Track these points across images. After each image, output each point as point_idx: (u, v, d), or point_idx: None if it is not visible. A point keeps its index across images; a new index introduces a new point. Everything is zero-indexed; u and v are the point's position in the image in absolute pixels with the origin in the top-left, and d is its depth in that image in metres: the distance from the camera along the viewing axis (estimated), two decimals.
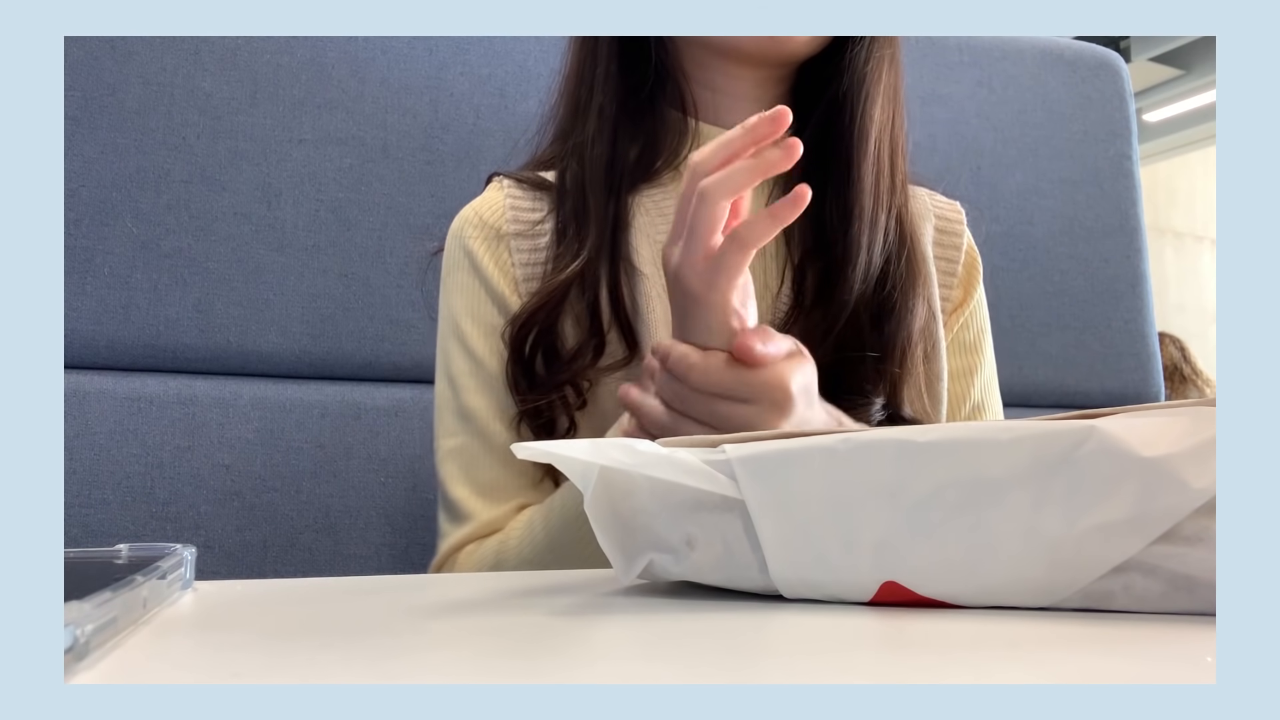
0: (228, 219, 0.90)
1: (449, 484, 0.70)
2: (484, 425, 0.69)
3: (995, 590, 0.32)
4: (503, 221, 0.73)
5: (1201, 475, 0.29)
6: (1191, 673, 0.24)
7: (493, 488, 0.69)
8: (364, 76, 0.95)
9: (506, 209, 0.73)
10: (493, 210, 0.73)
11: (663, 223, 0.72)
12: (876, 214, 0.69)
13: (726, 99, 0.74)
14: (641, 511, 0.36)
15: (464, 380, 0.70)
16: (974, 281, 0.79)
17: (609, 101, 0.72)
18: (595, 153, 0.71)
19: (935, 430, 0.32)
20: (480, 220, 0.73)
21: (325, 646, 0.28)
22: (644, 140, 0.73)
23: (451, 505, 0.69)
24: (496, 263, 0.72)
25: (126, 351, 0.87)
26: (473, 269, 0.72)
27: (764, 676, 0.24)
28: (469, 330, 0.71)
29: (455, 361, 0.71)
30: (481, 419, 0.69)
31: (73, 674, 0.24)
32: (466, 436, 0.70)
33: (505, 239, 0.72)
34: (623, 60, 0.72)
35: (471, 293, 0.72)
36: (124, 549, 0.37)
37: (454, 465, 0.70)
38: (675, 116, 0.74)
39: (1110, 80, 1.21)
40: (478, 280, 0.72)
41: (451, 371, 0.71)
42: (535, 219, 0.73)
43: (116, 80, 0.88)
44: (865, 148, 0.69)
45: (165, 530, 0.85)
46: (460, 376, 0.70)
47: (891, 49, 0.72)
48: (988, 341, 0.79)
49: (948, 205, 0.81)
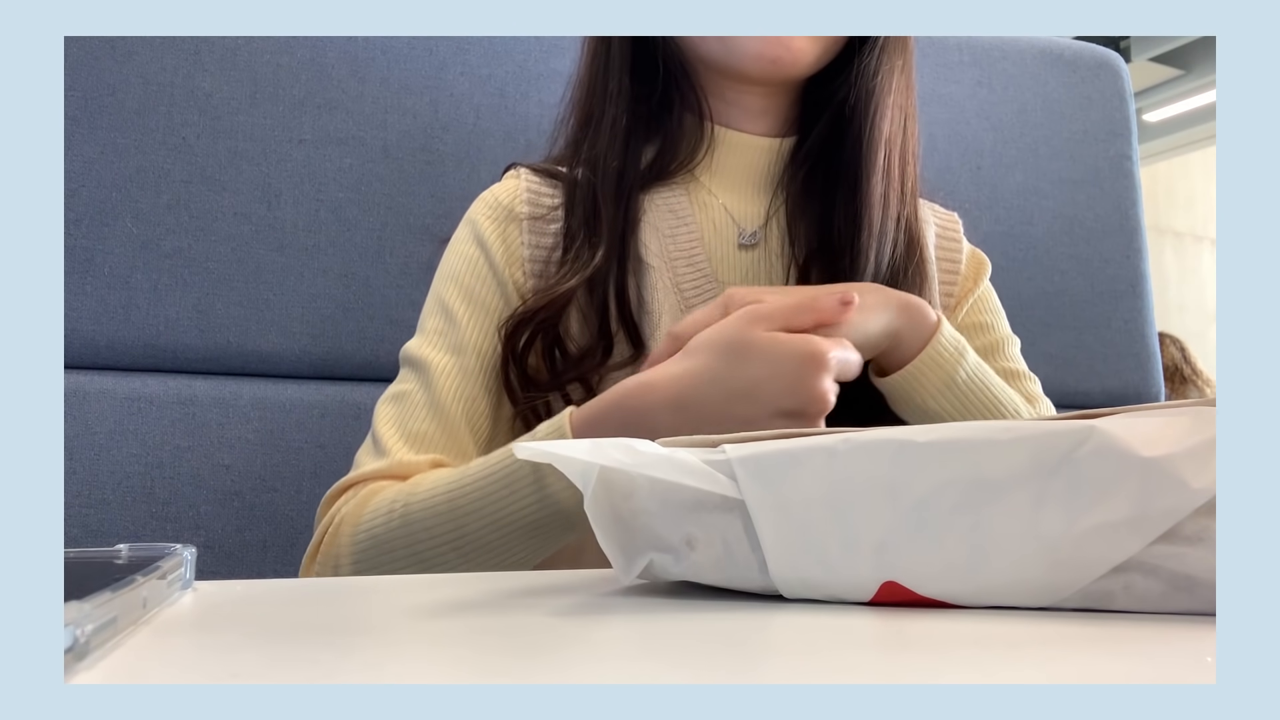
0: (228, 219, 0.90)
1: (380, 423, 0.67)
2: (435, 380, 0.68)
3: (995, 590, 0.32)
4: (518, 203, 0.73)
5: (1201, 475, 0.29)
6: (1191, 673, 0.24)
7: (420, 438, 0.66)
8: (364, 76, 0.95)
9: (523, 191, 0.74)
10: (509, 193, 0.74)
11: (671, 218, 0.72)
12: (885, 225, 0.70)
13: (737, 110, 0.75)
14: (641, 511, 0.36)
15: (433, 337, 0.70)
16: (980, 274, 0.80)
17: (621, 113, 0.72)
18: (608, 165, 0.72)
19: (935, 430, 0.32)
20: (496, 201, 0.74)
21: (325, 646, 0.28)
22: (660, 144, 0.74)
23: (377, 440, 0.67)
24: (504, 241, 0.72)
25: (126, 351, 0.87)
26: (477, 240, 0.72)
27: (764, 676, 0.24)
28: (454, 293, 0.70)
29: (430, 319, 0.71)
30: (435, 374, 0.68)
31: (73, 674, 0.24)
32: (414, 385, 0.68)
33: (518, 220, 0.73)
34: (635, 71, 0.73)
35: (471, 262, 0.72)
36: (124, 549, 0.37)
37: (392, 407, 0.68)
38: (691, 121, 0.75)
39: (1110, 80, 1.21)
40: (481, 252, 0.72)
41: (425, 327, 0.71)
42: (552, 204, 0.73)
43: (116, 80, 0.88)
44: (874, 160, 0.70)
45: (165, 530, 0.85)
46: (430, 334, 0.70)
47: (903, 59, 0.73)
48: (1002, 322, 0.79)
49: (946, 215, 0.82)
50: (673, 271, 0.70)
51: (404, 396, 0.68)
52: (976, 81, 1.16)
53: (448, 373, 0.68)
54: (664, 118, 0.74)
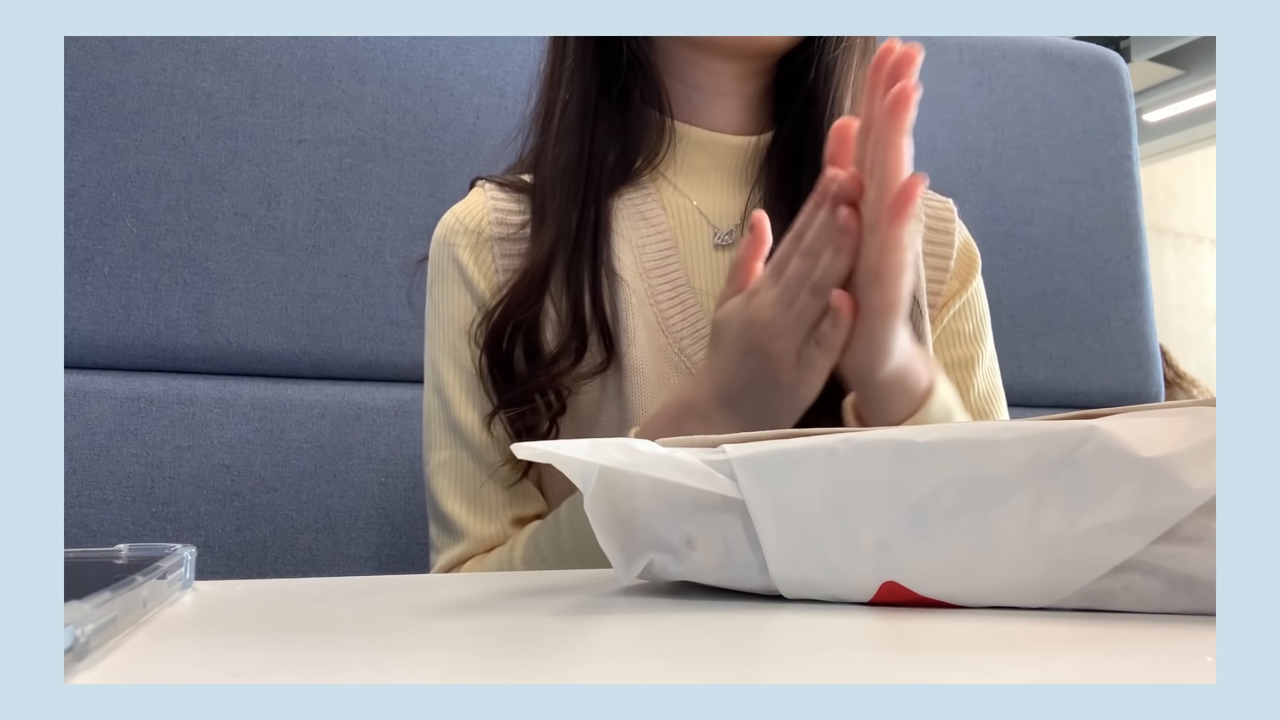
0: (228, 219, 0.90)
1: (442, 498, 0.70)
2: (472, 438, 0.69)
3: (995, 590, 0.32)
4: (485, 225, 0.72)
5: (1201, 475, 0.29)
6: (1191, 673, 0.24)
7: (484, 502, 0.69)
8: (364, 76, 0.95)
9: (489, 211, 0.72)
10: (474, 214, 0.73)
11: (645, 227, 0.71)
12: None
13: (704, 95, 0.73)
14: (641, 511, 0.36)
15: (452, 394, 0.70)
16: (970, 273, 0.77)
17: (575, 98, 0.70)
18: (565, 151, 0.70)
19: (935, 430, 0.32)
20: (462, 226, 0.73)
21: (325, 646, 0.28)
22: (622, 142, 0.72)
23: (446, 520, 0.69)
24: (479, 267, 0.71)
25: (126, 351, 0.87)
26: (459, 278, 0.71)
27: (764, 676, 0.24)
28: (457, 343, 0.70)
29: (444, 374, 0.71)
30: (469, 431, 0.69)
31: (73, 674, 0.24)
32: (456, 449, 0.69)
33: (488, 242, 0.71)
34: (592, 56, 0.71)
35: (458, 303, 0.71)
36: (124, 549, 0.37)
37: (445, 479, 0.70)
38: (652, 115, 0.73)
39: (1110, 80, 1.21)
40: (464, 289, 0.71)
41: (440, 383, 0.71)
42: (518, 222, 0.72)
43: (116, 80, 0.88)
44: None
45: (165, 530, 0.85)
46: (448, 389, 0.70)
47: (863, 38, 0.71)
48: (987, 333, 0.78)
49: (939, 203, 0.79)
50: (647, 284, 0.69)
51: (452, 464, 0.70)
52: (976, 81, 1.16)
53: (480, 426, 0.69)
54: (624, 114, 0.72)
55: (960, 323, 0.76)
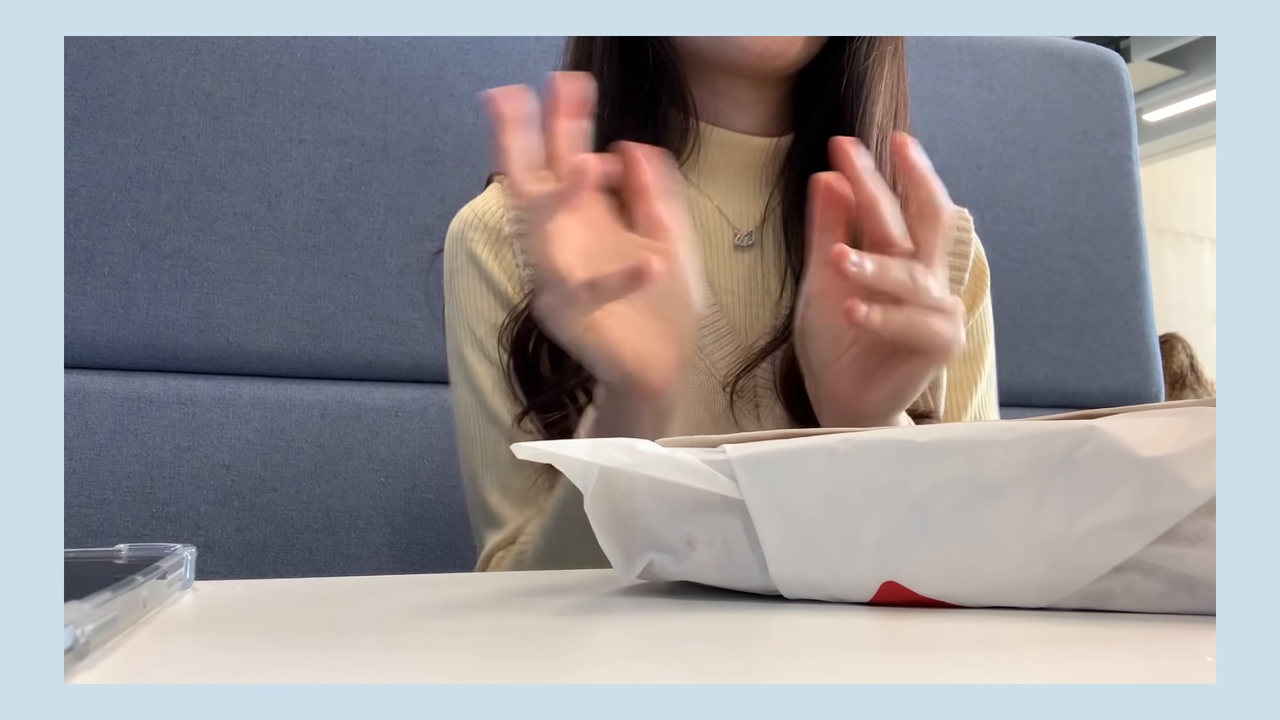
0: (228, 219, 0.90)
1: (486, 491, 0.70)
2: (508, 430, 0.69)
3: (995, 590, 0.32)
4: (503, 223, 0.72)
5: (1201, 475, 0.29)
6: (1191, 673, 0.24)
7: (520, 492, 0.69)
8: (364, 76, 0.95)
9: (509, 209, 0.72)
10: (493, 211, 0.73)
11: None
12: None
13: (727, 102, 0.73)
14: (641, 511, 0.36)
15: (485, 385, 0.70)
16: (981, 291, 0.78)
17: (603, 105, 0.71)
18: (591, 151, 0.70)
19: (935, 430, 0.32)
20: (481, 223, 0.73)
21: (325, 646, 0.28)
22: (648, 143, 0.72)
23: (490, 512, 0.70)
24: (501, 265, 0.71)
25: (126, 351, 0.87)
26: (479, 273, 0.72)
27: (764, 676, 0.24)
28: (484, 336, 0.70)
29: (475, 367, 0.71)
30: (506, 423, 0.69)
31: (73, 674, 0.24)
32: (496, 443, 0.70)
33: (507, 240, 0.72)
34: (619, 61, 0.71)
35: (481, 297, 0.71)
36: (124, 549, 0.37)
37: (489, 473, 0.70)
38: (677, 117, 0.73)
39: (1110, 80, 1.21)
40: (485, 284, 0.71)
41: (472, 376, 0.71)
42: None
43: (116, 80, 0.88)
44: (868, 148, 0.69)
45: (165, 530, 0.85)
46: (482, 381, 0.70)
47: (894, 44, 0.71)
48: (989, 353, 0.78)
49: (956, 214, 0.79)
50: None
51: (496, 458, 0.70)
52: (976, 81, 1.16)
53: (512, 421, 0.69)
54: (649, 116, 0.72)
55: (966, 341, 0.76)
